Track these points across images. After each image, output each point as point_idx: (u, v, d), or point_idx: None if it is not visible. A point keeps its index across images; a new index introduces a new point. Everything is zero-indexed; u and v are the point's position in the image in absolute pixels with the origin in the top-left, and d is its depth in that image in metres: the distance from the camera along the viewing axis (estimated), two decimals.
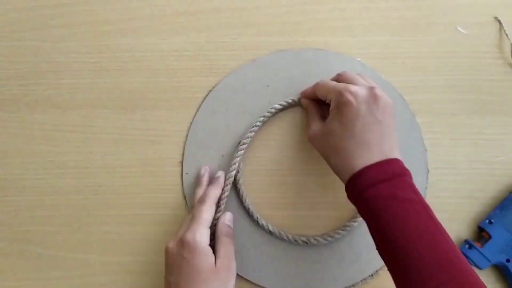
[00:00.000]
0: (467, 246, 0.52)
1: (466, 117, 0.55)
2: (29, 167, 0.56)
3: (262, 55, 0.56)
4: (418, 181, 0.47)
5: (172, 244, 0.47)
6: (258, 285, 0.54)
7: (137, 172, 0.56)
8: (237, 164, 0.52)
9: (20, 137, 0.57)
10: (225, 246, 0.49)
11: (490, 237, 0.52)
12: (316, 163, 0.55)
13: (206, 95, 0.56)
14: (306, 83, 0.54)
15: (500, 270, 0.53)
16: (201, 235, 0.47)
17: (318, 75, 0.54)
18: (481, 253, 0.51)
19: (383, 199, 0.42)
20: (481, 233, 0.53)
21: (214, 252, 0.47)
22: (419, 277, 0.39)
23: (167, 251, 0.48)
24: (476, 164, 0.55)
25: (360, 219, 0.53)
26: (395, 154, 0.44)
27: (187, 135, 0.56)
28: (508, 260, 0.52)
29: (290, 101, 0.54)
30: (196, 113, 0.56)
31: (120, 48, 0.57)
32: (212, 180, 0.53)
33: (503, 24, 0.56)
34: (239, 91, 0.55)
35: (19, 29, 0.57)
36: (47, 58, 0.57)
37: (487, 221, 0.53)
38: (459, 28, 0.56)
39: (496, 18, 0.56)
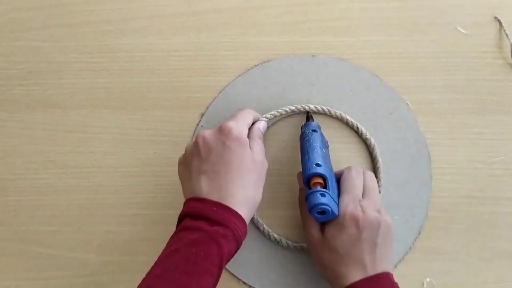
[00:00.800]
0: (319, 194, 0.45)
1: (465, 117, 0.55)
2: (30, 167, 0.56)
3: (262, 55, 0.56)
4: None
5: (209, 132, 0.46)
6: (250, 286, 0.54)
7: (137, 172, 0.56)
8: None
9: (20, 137, 0.57)
10: (258, 145, 0.48)
11: (324, 180, 0.46)
12: None
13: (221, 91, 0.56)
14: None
15: None
16: (243, 129, 0.46)
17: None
18: (331, 196, 0.46)
19: None
20: (310, 181, 0.46)
21: None
22: None
23: (203, 139, 0.46)
24: (475, 164, 0.55)
25: None
26: (387, 268, 0.46)
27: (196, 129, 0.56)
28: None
29: (301, 108, 0.55)
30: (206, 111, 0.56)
31: (120, 48, 0.57)
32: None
33: (503, 24, 0.56)
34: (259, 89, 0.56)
35: (19, 29, 0.57)
36: (47, 58, 0.57)
37: (314, 164, 0.46)
38: (459, 28, 0.56)
39: (496, 18, 0.56)
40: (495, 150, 0.55)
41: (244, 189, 0.44)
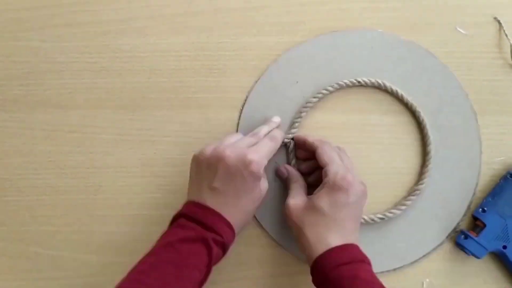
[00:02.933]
0: (462, 236, 0.52)
1: None
2: (30, 167, 0.56)
3: (262, 55, 0.56)
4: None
5: (233, 158, 0.46)
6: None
7: (137, 172, 0.56)
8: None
9: (20, 137, 0.57)
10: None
11: (484, 225, 0.52)
12: None
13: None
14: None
15: (499, 257, 0.53)
16: (262, 164, 0.47)
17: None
18: (477, 242, 0.51)
19: (347, 280, 0.44)
20: (475, 222, 0.53)
21: None
22: None
23: (225, 160, 0.46)
24: None
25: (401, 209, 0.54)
26: (357, 240, 0.48)
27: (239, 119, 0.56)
28: (505, 247, 0.52)
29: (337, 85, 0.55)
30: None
31: (120, 48, 0.57)
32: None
33: (503, 24, 0.56)
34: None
35: (19, 29, 0.57)
36: (47, 58, 0.57)
37: (480, 209, 0.53)
38: (458, 29, 0.56)
39: (495, 18, 0.56)
40: (495, 150, 0.55)
41: (244, 215, 0.48)
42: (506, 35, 0.56)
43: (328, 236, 0.46)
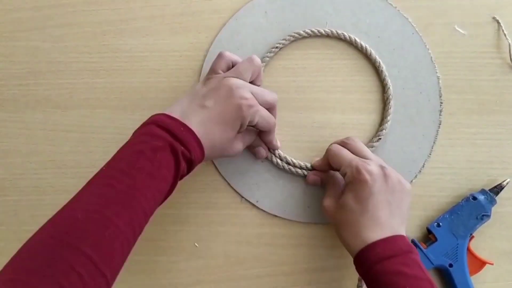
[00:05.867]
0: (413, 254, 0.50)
1: (464, 117, 0.56)
2: (29, 167, 0.56)
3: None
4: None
5: (241, 85, 0.47)
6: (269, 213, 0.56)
7: None
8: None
9: (20, 137, 0.57)
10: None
11: (436, 239, 0.52)
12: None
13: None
14: None
15: (442, 274, 0.54)
16: (256, 105, 0.47)
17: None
18: (424, 254, 0.52)
19: (389, 275, 0.43)
20: (429, 235, 0.54)
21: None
22: None
23: (231, 86, 0.46)
24: (473, 163, 0.55)
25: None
26: (402, 231, 0.47)
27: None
28: (451, 265, 0.52)
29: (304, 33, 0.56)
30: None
31: (120, 48, 0.57)
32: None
33: (502, 24, 0.56)
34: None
35: (19, 29, 0.57)
36: (47, 58, 0.57)
37: (435, 224, 0.53)
38: (457, 28, 0.56)
39: (494, 18, 0.56)
40: (494, 150, 0.55)
41: (213, 144, 0.46)
42: (505, 35, 0.56)
43: (363, 233, 0.45)
